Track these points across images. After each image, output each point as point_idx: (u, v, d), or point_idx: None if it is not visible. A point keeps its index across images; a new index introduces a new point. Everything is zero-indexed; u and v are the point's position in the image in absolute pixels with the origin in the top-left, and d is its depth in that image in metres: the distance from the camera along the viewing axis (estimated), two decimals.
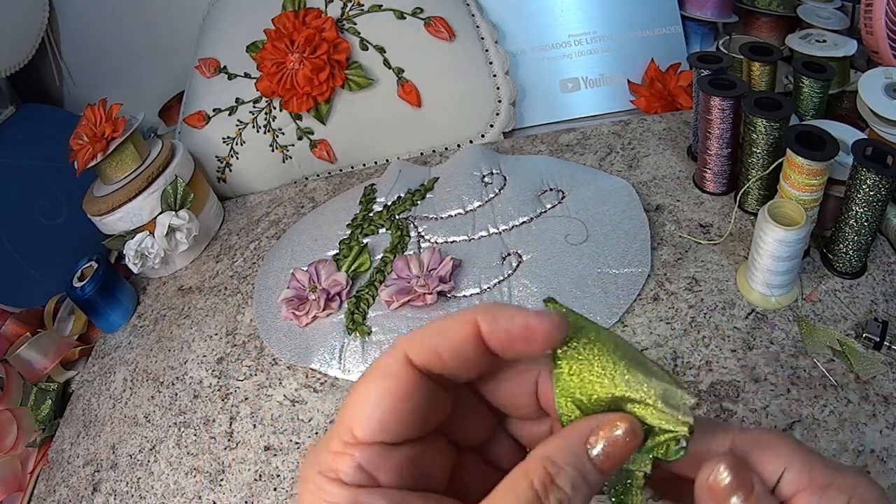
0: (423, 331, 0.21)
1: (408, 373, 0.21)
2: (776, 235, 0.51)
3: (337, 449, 0.20)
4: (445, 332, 0.21)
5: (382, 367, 0.21)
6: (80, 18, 1.02)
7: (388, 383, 0.20)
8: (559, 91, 0.88)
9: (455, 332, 0.21)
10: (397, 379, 0.20)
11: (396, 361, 0.21)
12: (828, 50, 0.72)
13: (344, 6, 0.85)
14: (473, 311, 0.21)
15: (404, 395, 0.20)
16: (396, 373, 0.20)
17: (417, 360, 0.21)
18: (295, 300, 0.65)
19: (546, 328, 0.20)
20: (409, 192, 0.77)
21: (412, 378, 0.20)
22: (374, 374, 0.21)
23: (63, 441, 0.65)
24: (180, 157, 0.80)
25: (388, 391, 0.20)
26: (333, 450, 0.20)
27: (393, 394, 0.20)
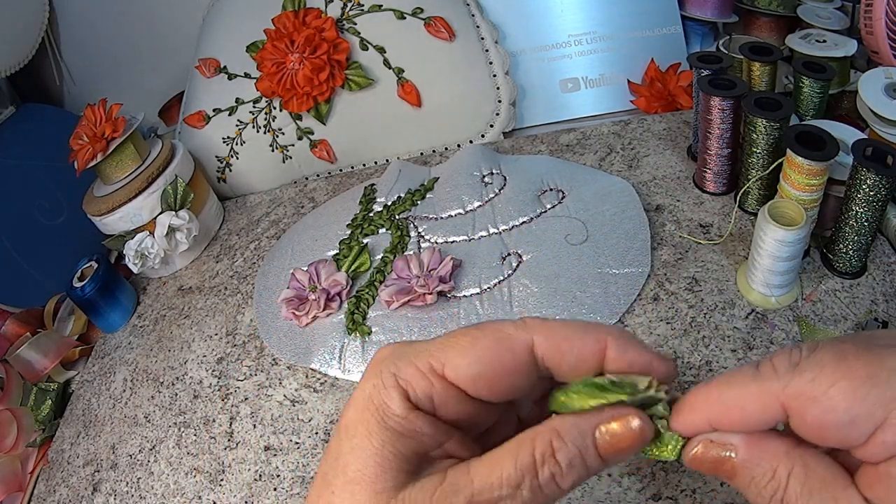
0: (557, 326, 0.22)
1: (522, 354, 0.22)
2: (776, 235, 0.51)
3: (423, 368, 0.22)
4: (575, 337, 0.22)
5: (501, 335, 0.22)
6: (80, 18, 1.02)
7: (502, 353, 0.22)
8: (559, 91, 0.88)
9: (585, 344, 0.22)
10: (511, 353, 0.22)
11: (521, 341, 0.22)
12: (828, 50, 0.72)
13: (344, 6, 0.85)
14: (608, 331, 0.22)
15: (509, 370, 0.22)
16: (512, 348, 0.22)
17: (539, 350, 0.22)
18: (295, 300, 0.65)
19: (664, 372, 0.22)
20: (409, 192, 0.77)
21: (523, 361, 0.22)
22: (491, 335, 0.22)
23: (63, 441, 0.65)
24: (180, 157, 0.80)
25: (497, 360, 0.21)
26: (419, 366, 0.22)
27: (500, 365, 0.21)
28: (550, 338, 0.22)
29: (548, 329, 0.22)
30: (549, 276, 0.62)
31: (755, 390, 0.20)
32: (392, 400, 0.21)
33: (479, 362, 0.21)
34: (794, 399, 0.19)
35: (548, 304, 0.60)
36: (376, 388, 0.22)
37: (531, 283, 0.62)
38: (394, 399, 0.21)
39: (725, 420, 0.21)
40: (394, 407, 0.21)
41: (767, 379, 0.20)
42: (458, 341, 0.22)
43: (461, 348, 0.22)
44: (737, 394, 0.20)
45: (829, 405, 0.19)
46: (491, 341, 0.22)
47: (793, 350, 0.20)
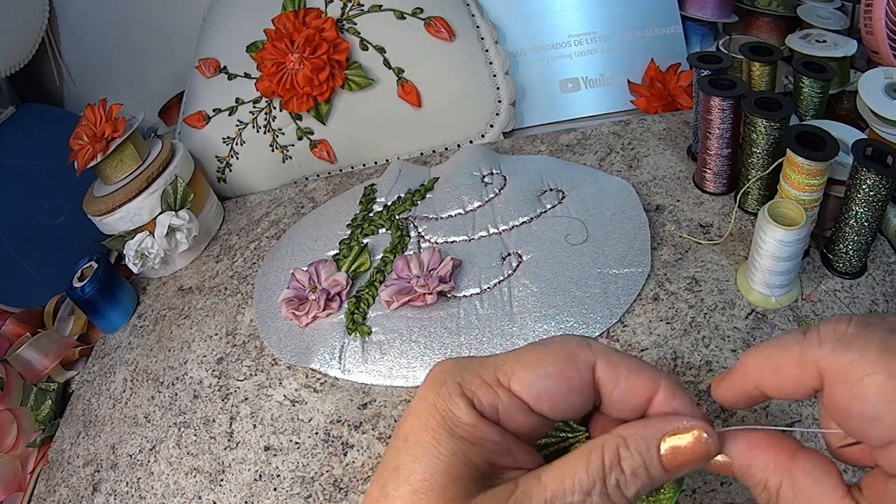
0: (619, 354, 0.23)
1: (587, 375, 0.22)
2: (776, 235, 0.51)
3: (489, 380, 0.22)
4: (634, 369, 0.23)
5: (570, 352, 0.22)
6: (80, 18, 1.02)
7: (568, 371, 0.22)
8: (559, 91, 0.88)
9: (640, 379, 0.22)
10: (577, 372, 0.22)
11: (585, 361, 0.22)
12: (828, 50, 0.72)
13: (344, 6, 0.85)
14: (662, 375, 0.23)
15: (571, 389, 0.22)
16: (578, 367, 0.22)
17: (599, 372, 0.23)
18: (295, 300, 0.65)
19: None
20: (409, 192, 0.77)
21: (587, 382, 0.22)
22: (559, 352, 0.22)
23: (63, 441, 0.65)
24: (180, 157, 0.80)
25: (561, 376, 0.22)
26: (485, 378, 0.22)
27: (565, 382, 0.22)
28: (612, 364, 0.22)
29: (610, 355, 0.23)
30: (549, 276, 0.62)
31: (796, 354, 0.21)
32: (459, 409, 0.21)
33: (546, 378, 0.22)
34: (829, 372, 0.20)
35: (548, 304, 0.60)
36: (441, 397, 0.21)
37: (531, 283, 0.62)
38: (461, 408, 0.21)
39: (769, 383, 0.21)
40: (461, 415, 0.21)
41: (810, 346, 0.20)
42: (526, 356, 0.22)
43: (529, 363, 0.22)
44: (781, 357, 0.21)
45: (858, 393, 0.19)
46: (558, 358, 0.22)
47: (840, 321, 0.20)
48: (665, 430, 0.21)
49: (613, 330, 0.57)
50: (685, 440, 0.21)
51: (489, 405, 0.22)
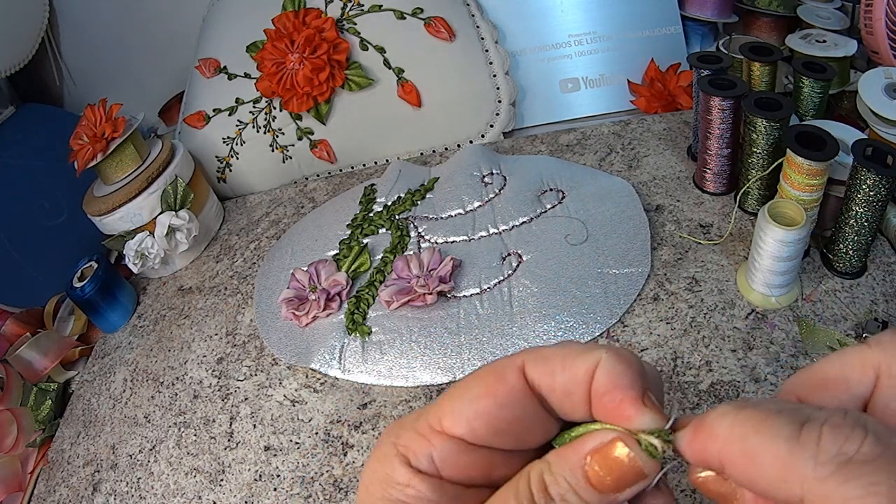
0: (550, 349, 0.20)
1: (516, 382, 0.20)
2: (776, 235, 0.51)
3: (421, 430, 0.20)
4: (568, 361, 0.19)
5: (496, 368, 0.20)
6: (80, 18, 1.02)
7: (494, 385, 0.20)
8: (559, 91, 0.88)
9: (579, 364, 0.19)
10: (502, 382, 0.20)
11: (511, 367, 0.20)
12: (828, 50, 0.72)
13: (344, 6, 0.85)
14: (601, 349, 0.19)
15: (503, 402, 0.19)
16: (505, 377, 0.20)
17: (531, 374, 0.20)
18: (295, 300, 0.65)
19: None
20: (409, 192, 0.77)
21: (517, 388, 0.20)
22: (486, 372, 0.20)
23: (63, 441, 0.65)
24: (180, 157, 0.80)
25: (488, 393, 0.20)
26: (418, 429, 0.20)
27: (492, 397, 0.19)
28: (542, 357, 0.20)
29: (540, 350, 0.20)
30: (549, 276, 0.62)
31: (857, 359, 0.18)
32: (394, 469, 0.20)
33: (472, 401, 0.20)
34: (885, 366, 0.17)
35: (548, 304, 0.60)
36: (379, 461, 0.20)
37: (531, 283, 0.62)
38: (396, 468, 0.20)
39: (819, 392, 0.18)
40: (396, 475, 0.20)
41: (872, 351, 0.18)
42: (454, 388, 0.20)
43: (454, 394, 0.20)
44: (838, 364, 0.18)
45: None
46: (483, 376, 0.20)
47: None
48: (588, 448, 0.18)
49: (613, 330, 0.57)
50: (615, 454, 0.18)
51: (424, 457, 0.20)
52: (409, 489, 0.19)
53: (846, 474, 0.15)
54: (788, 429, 0.16)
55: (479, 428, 0.19)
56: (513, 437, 0.20)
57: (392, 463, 0.20)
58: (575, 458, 0.19)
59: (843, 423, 0.16)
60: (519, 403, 0.19)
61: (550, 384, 0.19)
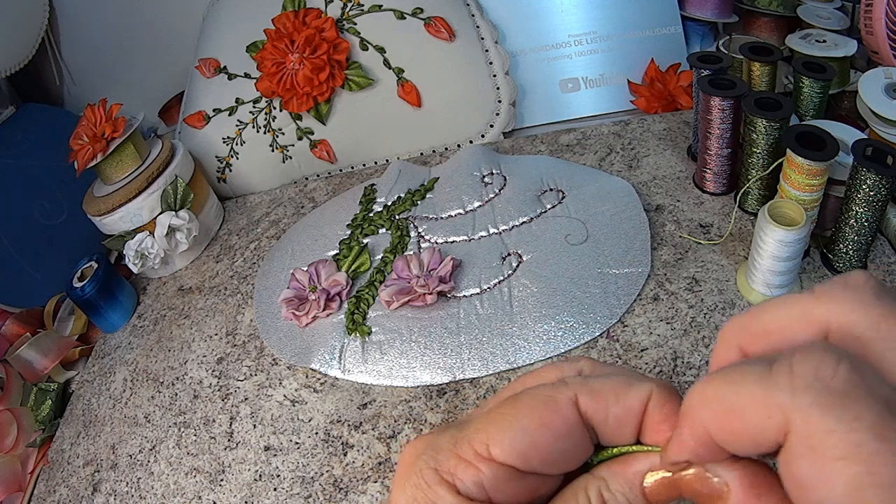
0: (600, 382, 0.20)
1: (569, 414, 0.20)
2: (776, 235, 0.51)
3: (466, 456, 0.20)
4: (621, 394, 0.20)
5: (547, 399, 0.20)
6: (80, 18, 1.02)
7: (549, 417, 0.20)
8: (559, 91, 0.88)
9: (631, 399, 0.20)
10: (557, 415, 0.20)
11: (566, 398, 0.20)
12: (828, 50, 0.72)
13: (344, 6, 0.85)
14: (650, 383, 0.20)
15: (558, 435, 0.20)
16: (558, 409, 0.20)
17: (583, 406, 0.20)
18: (295, 300, 0.65)
19: None
20: (409, 192, 0.77)
21: (571, 421, 0.20)
22: (536, 402, 0.20)
23: (63, 441, 0.65)
24: (180, 157, 0.80)
25: (543, 424, 0.20)
26: (462, 455, 0.20)
27: (548, 430, 0.19)
28: (594, 392, 0.20)
29: (591, 383, 0.20)
30: (549, 276, 0.62)
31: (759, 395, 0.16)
32: (441, 498, 0.19)
33: (526, 432, 0.19)
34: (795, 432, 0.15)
35: (548, 304, 0.60)
36: (420, 489, 0.19)
37: (531, 283, 0.62)
38: (442, 496, 0.19)
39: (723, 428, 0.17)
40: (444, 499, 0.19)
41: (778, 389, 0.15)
42: (499, 416, 0.20)
43: (504, 423, 0.20)
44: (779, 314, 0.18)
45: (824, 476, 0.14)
46: (535, 408, 0.20)
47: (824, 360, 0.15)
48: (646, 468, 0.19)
49: (613, 330, 0.57)
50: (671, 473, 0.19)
51: (473, 484, 0.19)
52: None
53: (826, 405, 0.14)
54: (758, 368, 0.16)
55: (533, 459, 0.19)
56: (561, 464, 0.20)
57: (437, 491, 0.19)
58: (632, 475, 0.19)
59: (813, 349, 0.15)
60: (574, 435, 0.20)
61: (604, 417, 0.20)
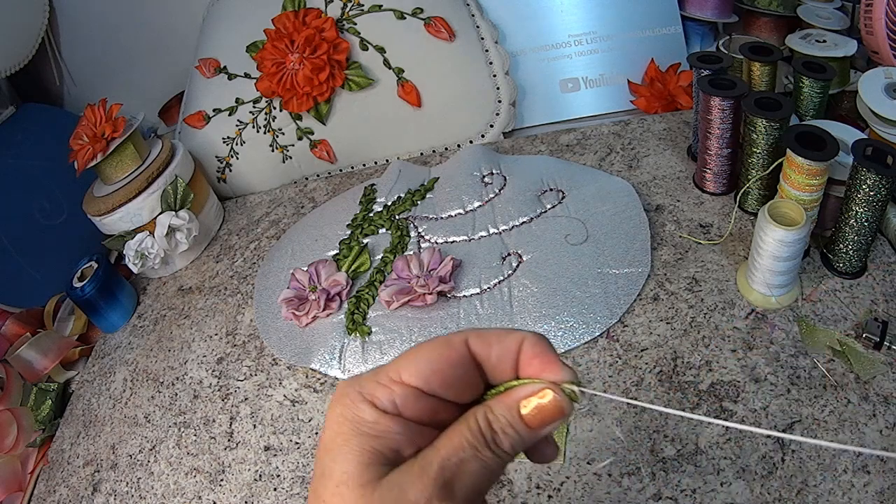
0: (486, 329, 0.27)
1: (462, 350, 0.26)
2: (776, 235, 0.51)
3: (382, 381, 0.26)
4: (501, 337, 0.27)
5: (447, 338, 0.27)
6: (80, 18, 1.02)
7: (445, 351, 0.26)
8: (559, 91, 0.88)
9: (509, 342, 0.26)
10: (451, 349, 0.26)
11: (459, 339, 0.26)
12: (828, 50, 0.72)
13: (344, 6, 0.85)
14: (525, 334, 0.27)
15: (452, 363, 0.26)
16: (455, 346, 0.26)
17: (473, 345, 0.26)
18: (295, 300, 0.65)
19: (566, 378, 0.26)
20: (409, 193, 0.77)
21: (462, 354, 0.26)
22: (437, 342, 0.26)
23: (63, 441, 0.65)
24: (180, 157, 0.80)
25: (442, 356, 0.26)
26: (379, 381, 0.26)
27: (445, 360, 0.26)
28: (481, 335, 0.27)
29: (479, 329, 0.27)
30: (549, 276, 0.62)
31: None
32: (362, 411, 0.25)
33: (428, 361, 0.26)
34: None
35: (548, 303, 0.60)
36: (346, 406, 0.25)
37: (531, 283, 0.62)
38: (364, 410, 0.25)
39: None
40: (365, 416, 0.25)
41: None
42: (409, 352, 0.26)
43: (412, 356, 0.26)
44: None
45: None
46: (436, 344, 0.26)
47: None
48: (521, 395, 0.26)
49: (613, 330, 0.57)
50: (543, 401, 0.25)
51: (387, 401, 0.25)
52: (378, 425, 0.25)
53: None
54: None
55: (433, 381, 0.26)
56: (455, 391, 0.26)
57: (360, 407, 0.25)
58: (510, 402, 0.26)
59: None
60: (465, 366, 0.26)
61: (489, 354, 0.26)
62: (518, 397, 0.26)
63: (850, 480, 0.44)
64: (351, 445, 0.25)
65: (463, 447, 0.25)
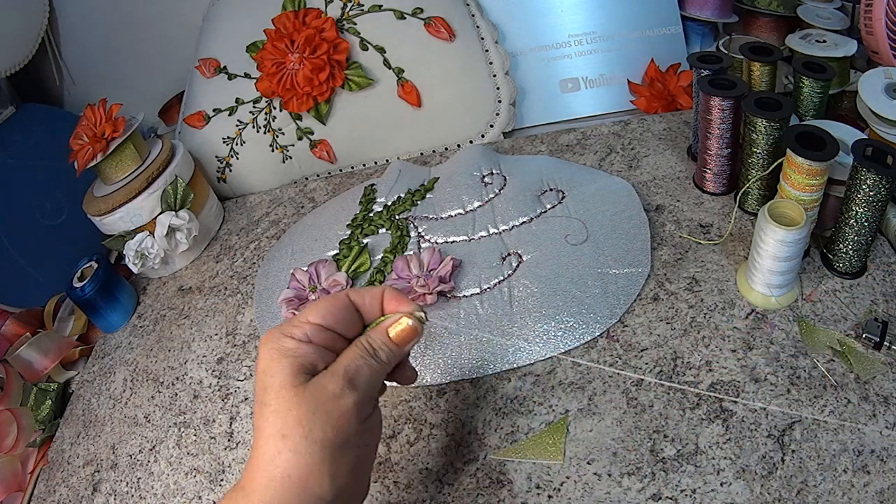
0: (362, 289, 0.43)
1: (345, 300, 0.41)
2: (776, 235, 0.51)
3: (295, 323, 0.39)
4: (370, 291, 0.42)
5: (335, 295, 0.41)
6: (80, 18, 1.02)
7: (334, 301, 0.41)
8: (559, 91, 0.88)
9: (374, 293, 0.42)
10: (339, 300, 0.41)
11: (343, 294, 0.42)
12: (828, 50, 0.72)
13: (344, 6, 0.85)
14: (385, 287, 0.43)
15: (339, 308, 0.41)
16: (340, 297, 0.41)
17: (352, 296, 0.42)
18: (295, 300, 0.65)
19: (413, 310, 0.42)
20: (409, 192, 0.77)
21: (347, 303, 0.41)
22: (330, 297, 0.41)
23: (63, 441, 0.65)
24: (180, 157, 0.80)
25: (333, 305, 0.40)
26: (292, 323, 0.39)
27: (334, 306, 0.40)
28: (358, 292, 0.42)
29: (357, 288, 0.43)
30: (549, 276, 0.62)
31: None
32: (286, 341, 0.38)
33: (324, 308, 0.40)
34: None
35: (548, 303, 0.60)
36: (273, 341, 0.38)
37: (531, 283, 0.62)
38: (286, 341, 0.38)
39: None
40: (287, 344, 0.38)
41: None
42: (311, 304, 0.41)
43: (313, 305, 0.40)
44: None
45: None
46: (328, 297, 0.41)
47: None
48: (388, 323, 0.41)
49: (613, 330, 0.57)
50: (402, 325, 0.41)
51: (301, 334, 0.38)
52: (299, 349, 0.38)
53: None
54: None
55: (329, 319, 0.40)
56: (344, 326, 0.41)
57: (283, 339, 0.38)
58: (382, 329, 0.41)
59: None
60: (346, 309, 0.41)
61: (363, 301, 0.42)
62: (386, 325, 0.41)
63: (850, 480, 0.44)
64: (282, 364, 0.37)
65: (357, 358, 0.39)
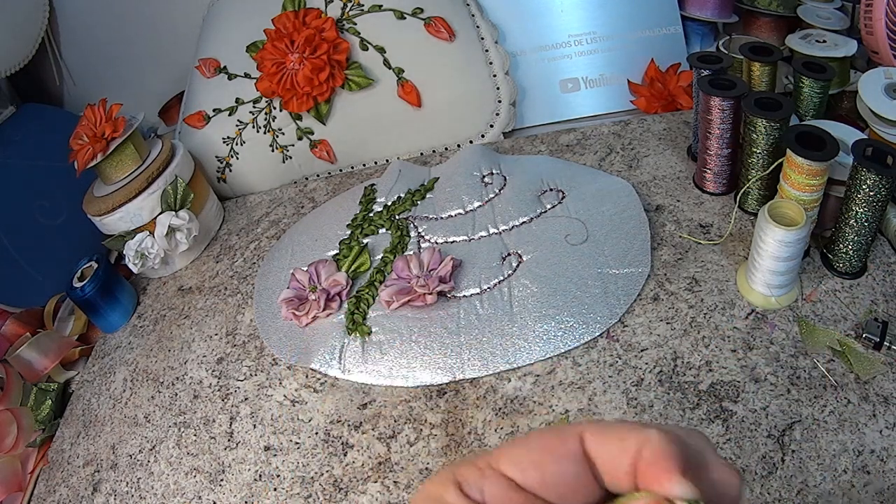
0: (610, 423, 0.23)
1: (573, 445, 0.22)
2: (776, 235, 0.51)
3: (479, 464, 0.23)
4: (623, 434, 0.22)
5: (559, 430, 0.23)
6: (80, 18, 1.02)
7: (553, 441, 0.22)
8: (559, 91, 0.88)
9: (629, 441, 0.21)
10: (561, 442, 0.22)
11: (573, 430, 0.22)
12: (828, 50, 0.72)
13: (344, 6, 0.85)
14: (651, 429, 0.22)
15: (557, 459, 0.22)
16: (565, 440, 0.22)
17: (588, 441, 0.22)
18: (295, 300, 0.65)
19: None
20: (409, 192, 0.77)
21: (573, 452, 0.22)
22: (549, 431, 0.23)
23: (63, 441, 0.65)
24: (180, 157, 0.80)
25: (546, 448, 0.22)
26: (476, 464, 0.23)
27: (550, 453, 0.22)
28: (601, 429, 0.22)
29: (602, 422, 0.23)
30: (549, 276, 0.62)
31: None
32: (448, 492, 0.22)
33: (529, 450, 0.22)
34: None
35: (548, 304, 0.60)
36: (434, 484, 0.23)
37: (531, 283, 0.62)
38: (449, 492, 0.22)
39: None
40: (447, 496, 0.22)
41: None
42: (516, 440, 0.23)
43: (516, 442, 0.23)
44: None
45: None
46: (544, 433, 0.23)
47: None
48: None
49: (613, 330, 0.57)
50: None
51: (475, 486, 0.22)
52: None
53: None
54: None
55: (531, 475, 0.22)
56: (557, 493, 0.22)
57: (447, 486, 0.23)
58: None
59: None
60: (571, 464, 0.22)
61: (603, 450, 0.22)
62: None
63: (850, 480, 0.44)
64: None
65: None
